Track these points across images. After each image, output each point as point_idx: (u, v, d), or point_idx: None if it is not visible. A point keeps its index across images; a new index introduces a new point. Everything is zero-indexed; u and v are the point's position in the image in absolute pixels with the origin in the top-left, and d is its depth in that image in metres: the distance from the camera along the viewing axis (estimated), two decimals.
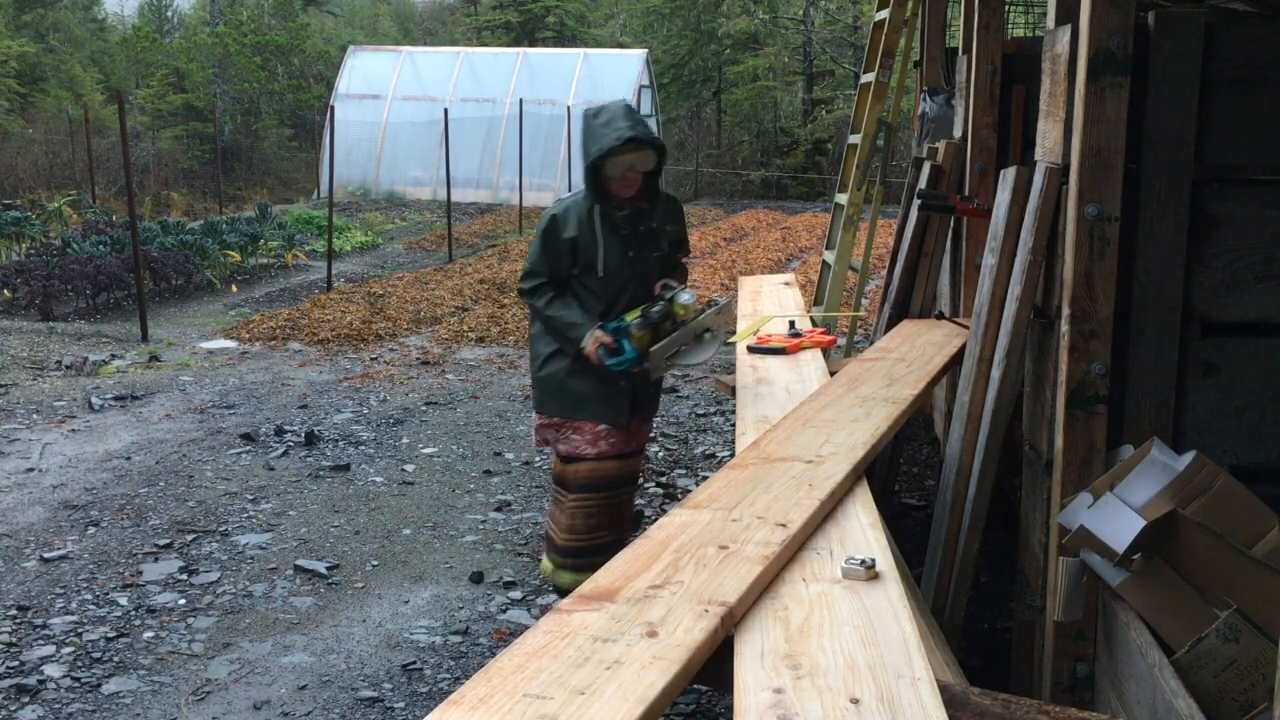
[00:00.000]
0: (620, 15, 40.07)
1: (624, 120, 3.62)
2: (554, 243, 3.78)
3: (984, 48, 4.80)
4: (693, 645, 1.90)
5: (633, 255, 3.80)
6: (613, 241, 3.78)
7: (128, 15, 46.22)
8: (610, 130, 3.60)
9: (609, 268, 3.78)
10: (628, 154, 3.63)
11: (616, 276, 3.79)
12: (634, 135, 3.59)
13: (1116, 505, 2.44)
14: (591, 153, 3.63)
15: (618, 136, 3.58)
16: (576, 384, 3.82)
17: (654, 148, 3.71)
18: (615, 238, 3.77)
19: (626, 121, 3.62)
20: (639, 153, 3.66)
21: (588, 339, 3.72)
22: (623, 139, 3.58)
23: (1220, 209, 2.80)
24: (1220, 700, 2.21)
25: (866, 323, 9.08)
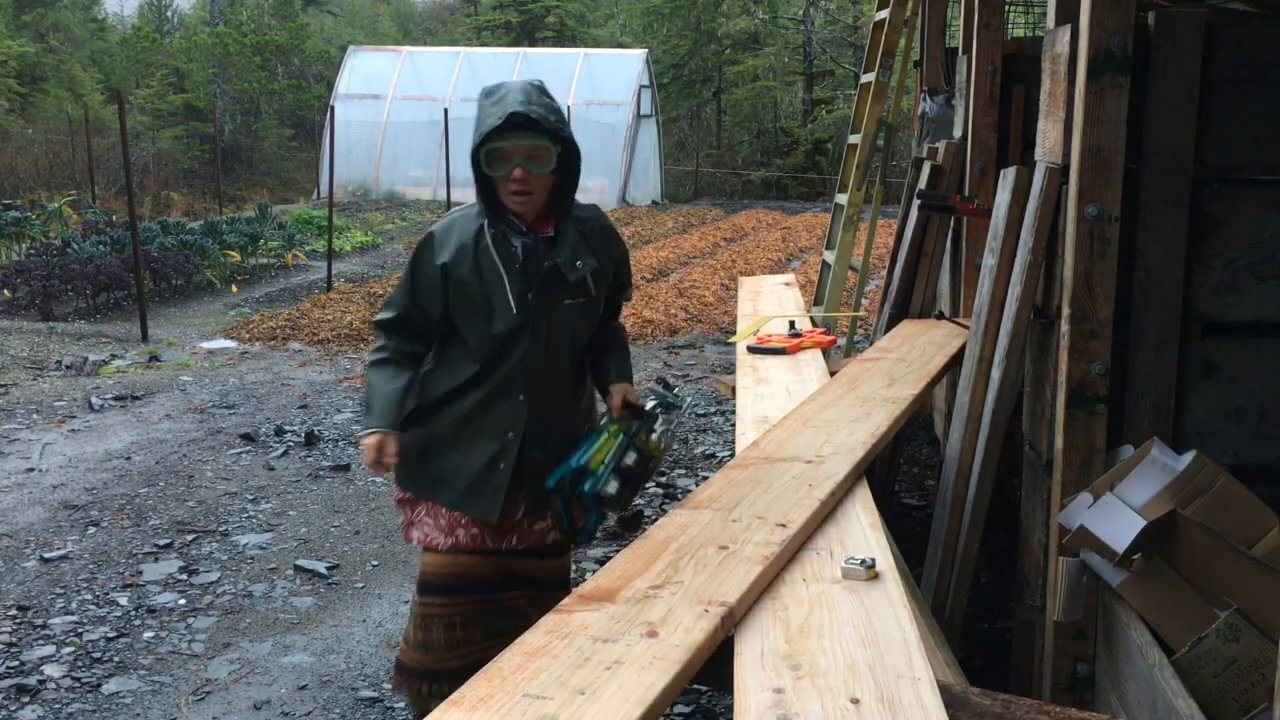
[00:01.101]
0: (620, 15, 40.07)
1: (517, 95, 2.62)
2: (424, 270, 2.78)
3: (984, 48, 4.80)
4: (693, 645, 1.90)
5: (534, 300, 2.74)
6: (504, 275, 2.73)
7: (128, 15, 46.21)
8: (496, 110, 2.61)
9: (497, 315, 2.72)
10: (513, 141, 2.60)
11: (505, 327, 2.74)
12: (520, 112, 2.57)
13: (1116, 505, 2.44)
14: (475, 141, 2.64)
15: (500, 114, 2.57)
16: (439, 455, 2.85)
17: (554, 138, 2.65)
18: (511, 272, 2.73)
19: (520, 96, 2.62)
20: (530, 142, 2.61)
21: (368, 440, 2.75)
22: (504, 115, 2.56)
23: (1220, 209, 2.80)
24: (1220, 700, 2.21)
25: (866, 323, 9.08)
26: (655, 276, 13.44)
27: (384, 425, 2.76)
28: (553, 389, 2.84)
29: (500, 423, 2.80)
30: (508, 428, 2.79)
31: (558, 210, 2.80)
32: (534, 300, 2.74)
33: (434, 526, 2.88)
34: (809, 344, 4.33)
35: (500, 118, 2.58)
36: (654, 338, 10.00)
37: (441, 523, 2.87)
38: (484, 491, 2.79)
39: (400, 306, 2.86)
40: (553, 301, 2.77)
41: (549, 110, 2.64)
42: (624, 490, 2.74)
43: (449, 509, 2.85)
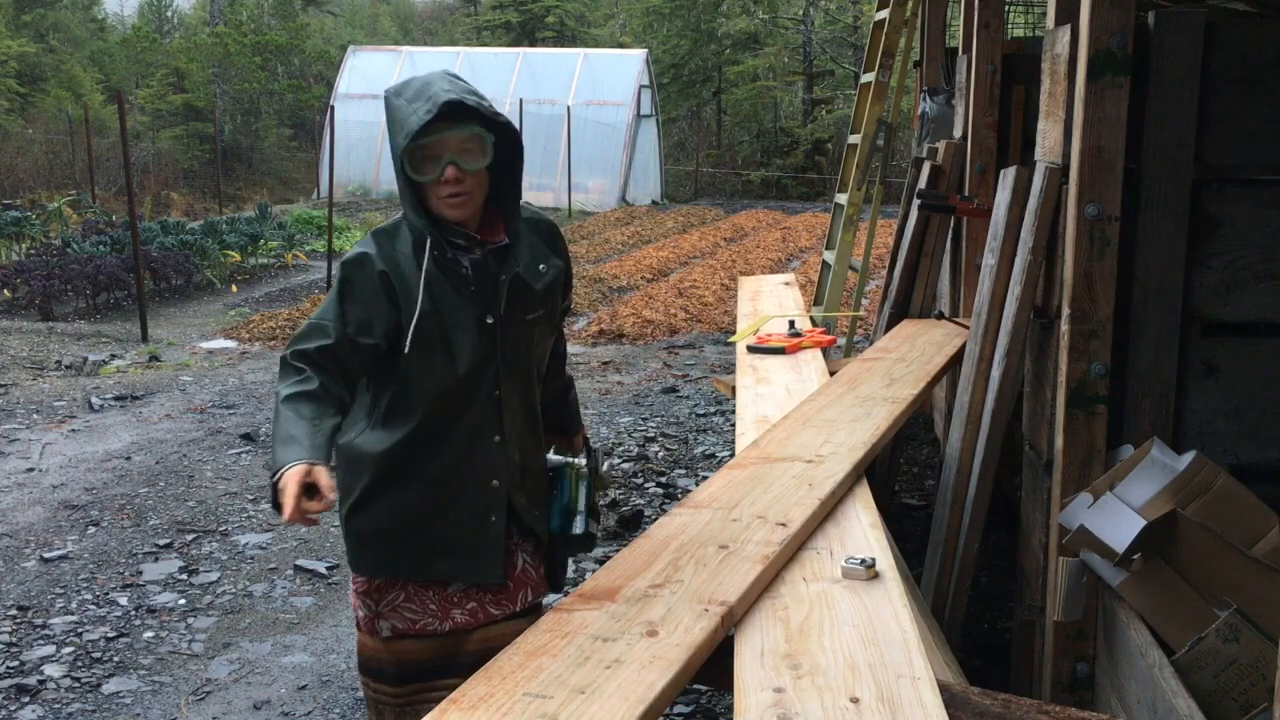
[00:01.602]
0: (620, 15, 40.07)
1: (442, 84, 2.26)
2: (362, 298, 2.31)
3: (984, 48, 4.80)
4: (693, 645, 1.90)
5: (498, 323, 2.36)
6: (458, 301, 2.33)
7: (128, 15, 46.22)
8: (419, 103, 2.22)
9: (459, 351, 2.33)
10: (441, 134, 2.23)
11: (472, 363, 2.34)
12: (454, 100, 2.22)
13: (1116, 505, 2.44)
14: (398, 144, 2.23)
15: (430, 106, 2.19)
16: (415, 529, 2.40)
17: (488, 125, 2.29)
18: (466, 296, 2.34)
19: (445, 84, 2.26)
20: (460, 132, 2.25)
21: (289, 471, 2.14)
22: (435, 106, 2.19)
23: (1220, 209, 2.80)
24: (1220, 700, 2.21)
25: (866, 323, 9.08)
26: (655, 276, 13.44)
27: (313, 455, 2.16)
28: (527, 422, 2.47)
29: (480, 472, 2.39)
30: (490, 475, 2.40)
31: (504, 211, 2.39)
32: (497, 324, 2.35)
33: (421, 612, 2.43)
34: (809, 344, 4.33)
35: (431, 110, 2.19)
36: (654, 338, 10.00)
37: (432, 606, 2.42)
38: (480, 554, 2.40)
39: (330, 332, 2.29)
40: (516, 320, 2.38)
41: (477, 95, 2.28)
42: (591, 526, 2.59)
43: (441, 584, 2.42)
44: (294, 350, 2.31)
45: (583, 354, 9.31)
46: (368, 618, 2.48)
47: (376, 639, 2.47)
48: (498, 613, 2.46)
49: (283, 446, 2.19)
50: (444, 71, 2.34)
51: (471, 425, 2.38)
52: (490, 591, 2.45)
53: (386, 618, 2.45)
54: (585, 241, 16.98)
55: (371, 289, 2.30)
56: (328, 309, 2.33)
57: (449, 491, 2.39)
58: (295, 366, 2.29)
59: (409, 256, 2.32)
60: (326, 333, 2.30)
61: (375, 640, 2.47)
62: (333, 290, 2.36)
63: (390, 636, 2.45)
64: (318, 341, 2.29)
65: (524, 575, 2.50)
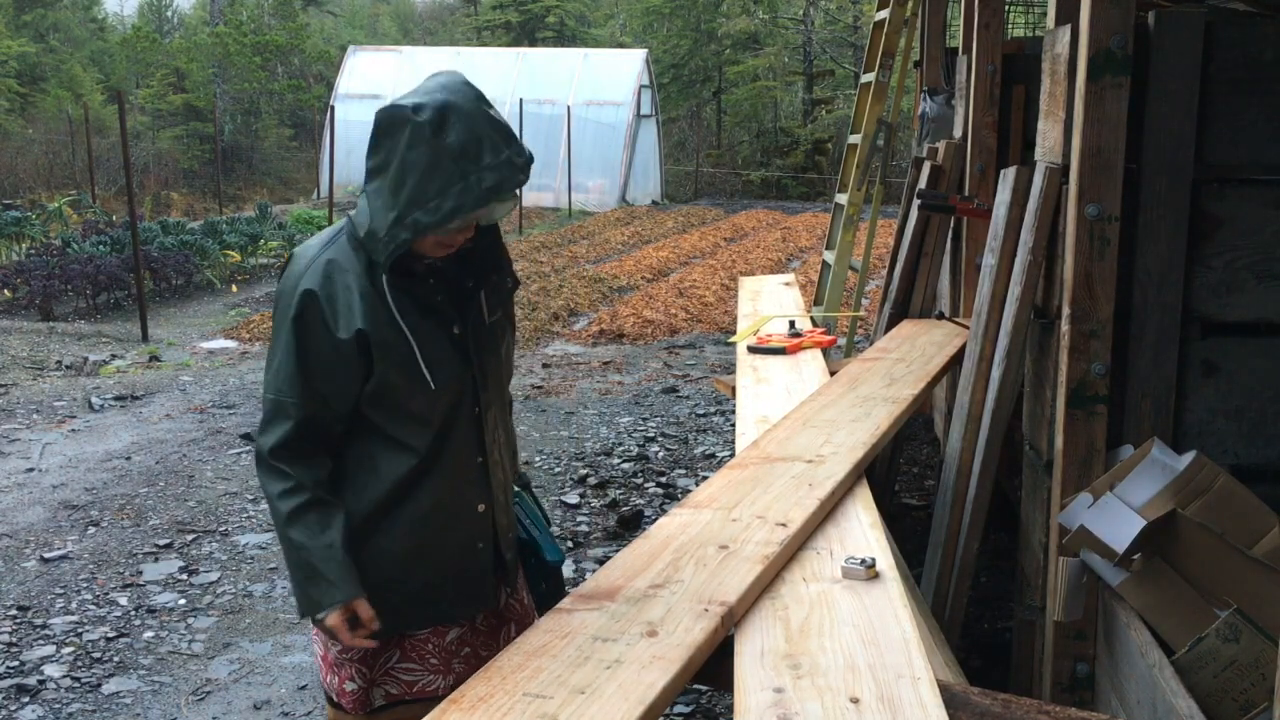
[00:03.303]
0: (620, 15, 40.08)
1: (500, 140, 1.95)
2: (318, 347, 2.04)
3: (984, 48, 4.80)
4: (693, 645, 1.90)
5: (459, 332, 2.14)
6: (425, 324, 2.09)
7: (128, 15, 46.23)
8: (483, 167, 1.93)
9: (436, 374, 2.09)
10: (493, 206, 1.99)
11: (450, 384, 2.12)
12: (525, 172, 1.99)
13: (1116, 505, 2.44)
14: (445, 209, 1.92)
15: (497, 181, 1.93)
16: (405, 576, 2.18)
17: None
18: (427, 315, 2.10)
19: (506, 145, 1.96)
20: (511, 203, 2.03)
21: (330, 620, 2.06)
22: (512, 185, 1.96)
23: (1220, 209, 2.80)
24: (1220, 700, 2.21)
25: (866, 323, 9.08)
26: (655, 276, 13.44)
27: (349, 592, 2.04)
28: (503, 431, 2.29)
29: (465, 500, 2.20)
30: (475, 501, 2.21)
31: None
32: (467, 335, 2.14)
33: (422, 669, 2.23)
34: (809, 344, 4.33)
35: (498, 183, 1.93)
36: (654, 338, 10.00)
37: (433, 660, 2.23)
38: (473, 584, 2.22)
39: (295, 411, 2.04)
40: (481, 327, 2.17)
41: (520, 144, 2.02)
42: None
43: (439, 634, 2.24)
44: (266, 450, 2.06)
45: (582, 354, 9.31)
46: (358, 691, 2.23)
47: (365, 713, 2.24)
48: (486, 654, 2.25)
49: (311, 585, 2.05)
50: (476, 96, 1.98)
51: (454, 451, 2.16)
52: (482, 634, 2.30)
53: (381, 684, 2.24)
54: (585, 241, 16.98)
55: (331, 338, 2.02)
56: (280, 377, 2.05)
57: (434, 527, 2.16)
58: (278, 470, 2.06)
59: (361, 276, 2.04)
60: (291, 410, 2.04)
61: (363, 716, 2.24)
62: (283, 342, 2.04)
63: (383, 705, 2.24)
64: (284, 426, 2.05)
65: (507, 610, 2.35)
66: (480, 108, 1.96)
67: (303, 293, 2.03)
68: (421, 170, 1.92)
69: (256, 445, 2.10)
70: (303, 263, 2.07)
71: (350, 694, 2.24)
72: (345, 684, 2.24)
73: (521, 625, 2.32)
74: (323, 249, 2.09)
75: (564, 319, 10.65)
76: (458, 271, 2.14)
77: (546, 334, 10.10)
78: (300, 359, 2.04)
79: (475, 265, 2.16)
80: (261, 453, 2.08)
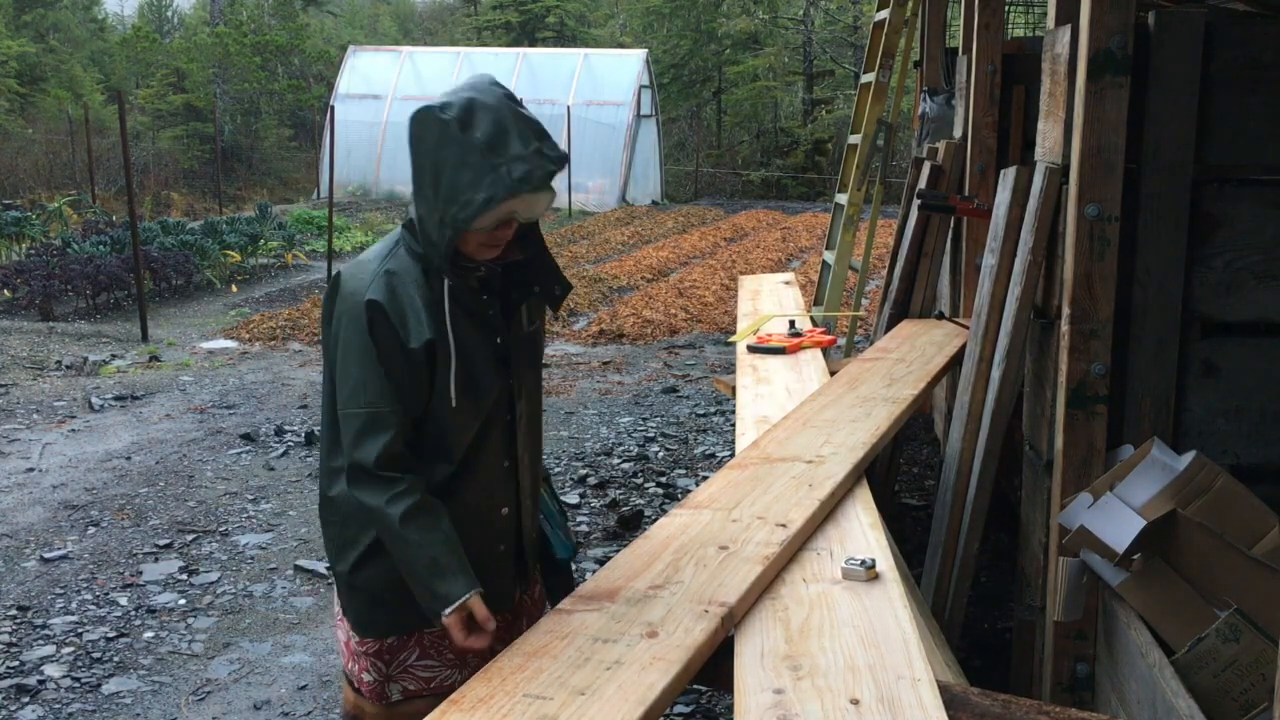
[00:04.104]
0: (620, 15, 40.07)
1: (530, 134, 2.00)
2: (392, 359, 2.06)
3: (984, 48, 4.80)
4: (693, 646, 1.90)
5: (501, 342, 2.19)
6: (475, 334, 2.14)
7: (128, 15, 46.23)
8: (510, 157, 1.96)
9: (483, 384, 2.14)
10: (537, 195, 2.02)
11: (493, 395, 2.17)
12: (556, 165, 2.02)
13: (1116, 505, 2.44)
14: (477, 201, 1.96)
15: (526, 171, 1.97)
16: None
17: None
18: (475, 321, 2.14)
19: (537, 138, 2.00)
20: (549, 195, 2.06)
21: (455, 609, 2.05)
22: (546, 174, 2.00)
23: (1220, 209, 2.80)
24: (1220, 700, 2.21)
25: (866, 323, 9.08)
26: (655, 276, 13.44)
27: (473, 583, 2.06)
28: (533, 438, 2.33)
29: (491, 503, 2.25)
30: (500, 505, 2.26)
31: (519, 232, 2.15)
32: (508, 344, 2.19)
33: (440, 664, 2.25)
34: (809, 344, 4.33)
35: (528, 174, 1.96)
36: (654, 338, 10.00)
37: (449, 655, 2.24)
38: (490, 584, 2.18)
39: (394, 419, 2.06)
40: (522, 337, 2.23)
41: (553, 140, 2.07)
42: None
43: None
44: (375, 461, 2.03)
45: (583, 354, 9.31)
46: (376, 682, 2.25)
47: (382, 705, 2.26)
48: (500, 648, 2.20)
49: (438, 579, 2.04)
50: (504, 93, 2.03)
51: (486, 457, 2.20)
52: (499, 630, 2.25)
53: (398, 680, 2.25)
54: (585, 241, 16.98)
55: (401, 350, 2.05)
56: (374, 388, 2.04)
57: (461, 528, 2.15)
58: (385, 479, 2.04)
59: (422, 287, 2.08)
60: (386, 422, 2.04)
61: (379, 706, 2.26)
62: (359, 355, 2.05)
63: (400, 700, 2.26)
64: (384, 436, 2.04)
65: (520, 606, 2.38)
66: (506, 103, 2.01)
67: (369, 303, 2.04)
68: (453, 166, 1.97)
69: (353, 461, 2.05)
70: (365, 275, 2.09)
71: (368, 684, 2.26)
72: (363, 674, 2.27)
73: (533, 620, 2.35)
74: (382, 261, 2.11)
75: (564, 319, 10.65)
76: (505, 282, 2.18)
77: (546, 334, 10.09)
78: (386, 368, 2.05)
79: (523, 276, 2.19)
80: (365, 466, 2.03)
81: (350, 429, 2.06)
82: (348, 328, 2.07)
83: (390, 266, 2.09)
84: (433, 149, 1.98)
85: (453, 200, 1.97)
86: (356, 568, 2.19)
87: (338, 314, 2.11)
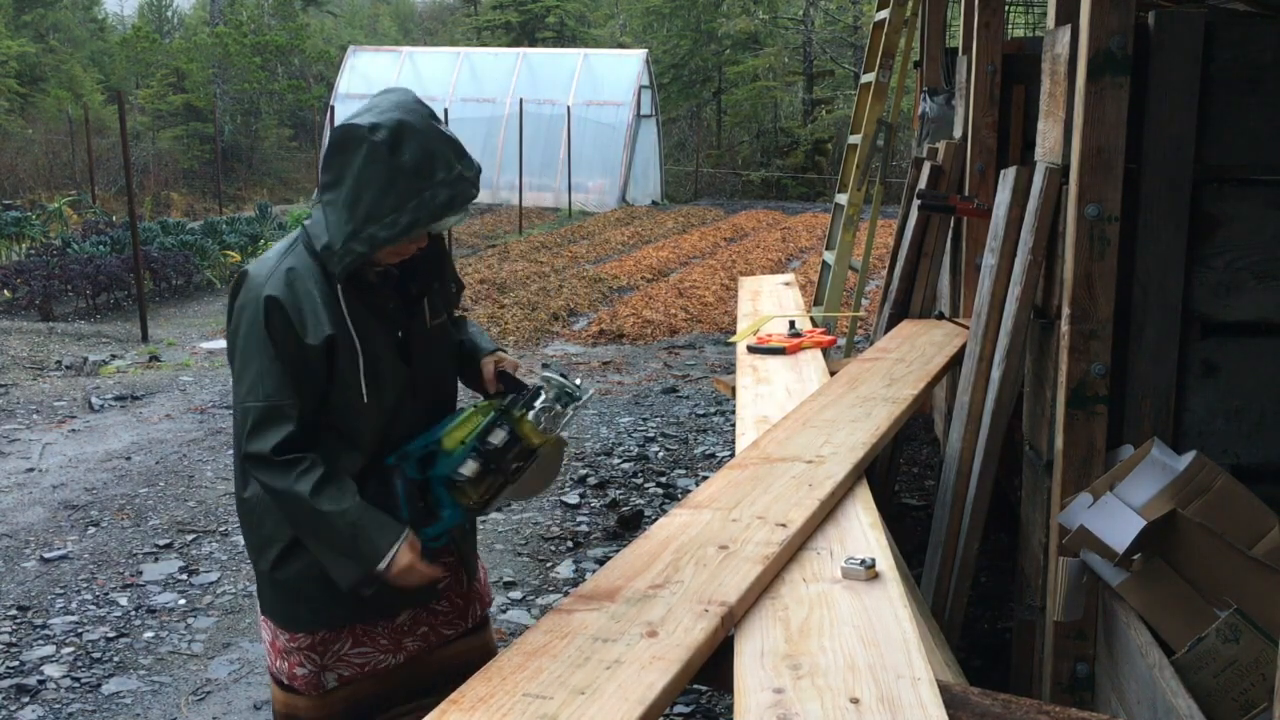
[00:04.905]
0: (620, 15, 40.08)
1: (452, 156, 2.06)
2: (290, 353, 2.08)
3: (984, 48, 4.80)
4: (693, 645, 1.90)
5: (404, 336, 2.23)
6: (376, 328, 2.17)
7: (128, 15, 46.24)
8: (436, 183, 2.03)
9: (379, 378, 2.16)
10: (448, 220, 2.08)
11: (390, 392, 2.19)
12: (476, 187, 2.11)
13: (1116, 505, 2.44)
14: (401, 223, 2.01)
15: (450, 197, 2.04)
16: None
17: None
18: (376, 319, 2.18)
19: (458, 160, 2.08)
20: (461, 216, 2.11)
21: (397, 553, 2.09)
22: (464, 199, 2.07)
23: (1220, 209, 2.80)
24: (1220, 700, 2.21)
25: (866, 323, 9.08)
26: (655, 276, 13.44)
27: (399, 529, 2.11)
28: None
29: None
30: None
31: None
32: (411, 339, 2.22)
33: (373, 650, 2.27)
34: (809, 344, 4.33)
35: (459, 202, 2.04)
36: (654, 338, 10.01)
37: (383, 641, 2.27)
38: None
39: (293, 410, 2.07)
40: (424, 332, 2.25)
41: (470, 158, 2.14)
42: (485, 475, 2.18)
43: (389, 617, 2.27)
44: (274, 448, 2.05)
45: (582, 354, 9.31)
46: (310, 674, 2.25)
47: (318, 695, 2.26)
48: (450, 633, 2.38)
49: (362, 540, 2.06)
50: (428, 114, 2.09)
51: (393, 446, 2.21)
52: (442, 615, 2.35)
53: (333, 669, 2.26)
54: (585, 241, 16.98)
55: (299, 346, 2.07)
56: (271, 382, 2.06)
57: None
58: (285, 461, 2.06)
59: (319, 286, 2.09)
60: (286, 416, 2.06)
61: (316, 697, 2.26)
62: (257, 349, 2.07)
63: (337, 686, 2.27)
64: (285, 430, 2.06)
65: (470, 587, 2.40)
66: (432, 125, 2.06)
67: (267, 299, 2.07)
68: (378, 187, 2.01)
69: (251, 453, 2.07)
70: (263, 273, 2.11)
71: (302, 677, 2.26)
72: (296, 669, 2.26)
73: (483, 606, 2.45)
74: (281, 258, 2.13)
75: (564, 319, 10.65)
76: (404, 278, 2.21)
77: (546, 334, 10.10)
78: (282, 362, 2.07)
79: (421, 272, 2.22)
80: (263, 454, 2.06)
81: (248, 421, 2.08)
82: (247, 323, 2.10)
83: (290, 264, 2.11)
84: (357, 167, 2.01)
85: (373, 220, 2.02)
86: (277, 564, 2.19)
87: (238, 309, 2.13)
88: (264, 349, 2.07)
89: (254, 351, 2.08)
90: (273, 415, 2.07)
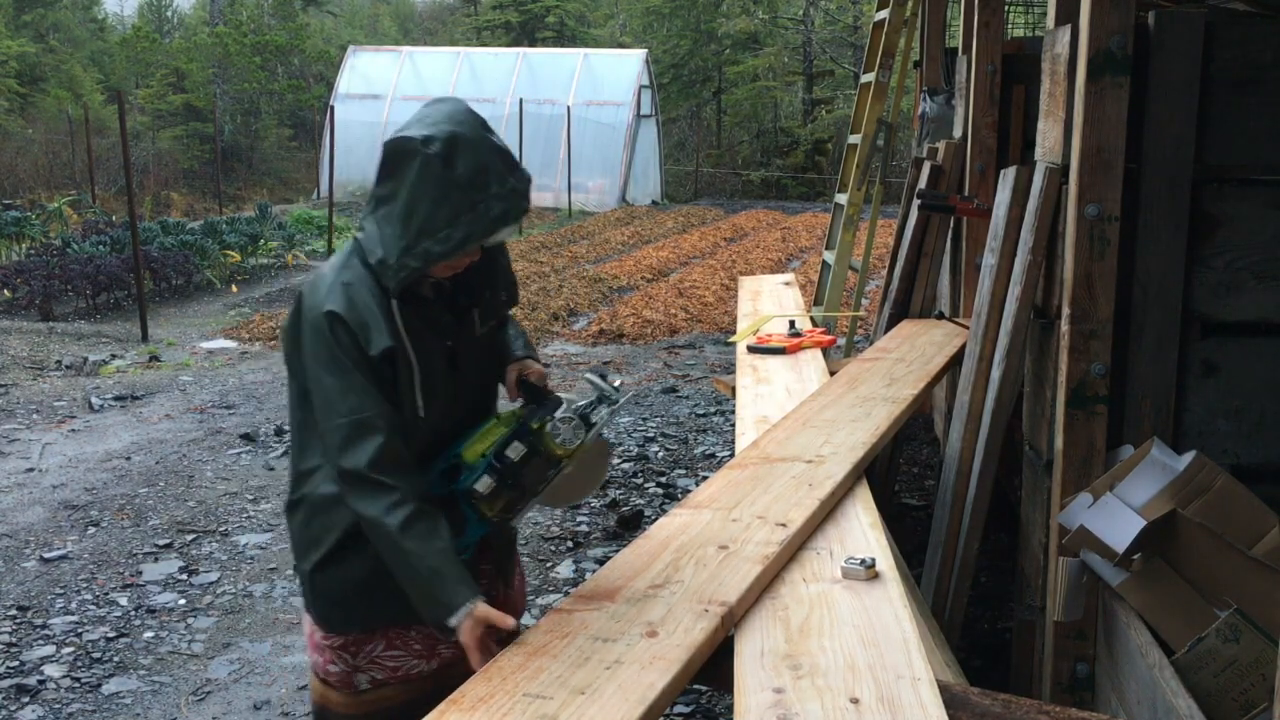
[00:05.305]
0: (620, 15, 40.07)
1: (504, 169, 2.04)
2: (361, 366, 2.07)
3: (984, 48, 4.80)
4: (693, 645, 1.90)
5: (451, 344, 2.21)
6: (428, 344, 2.16)
7: (128, 15, 46.22)
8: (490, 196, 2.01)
9: (432, 392, 2.16)
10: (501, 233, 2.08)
11: (438, 404, 2.18)
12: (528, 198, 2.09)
13: (1116, 505, 2.44)
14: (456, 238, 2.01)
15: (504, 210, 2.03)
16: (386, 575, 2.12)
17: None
18: (429, 332, 2.17)
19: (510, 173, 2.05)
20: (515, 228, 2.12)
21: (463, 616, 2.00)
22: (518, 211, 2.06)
23: (1220, 209, 2.80)
24: (1220, 700, 2.21)
25: (866, 323, 9.08)
26: (655, 276, 13.44)
27: (474, 591, 2.03)
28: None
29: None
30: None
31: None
32: (457, 348, 2.21)
33: (405, 655, 2.26)
34: (809, 344, 4.33)
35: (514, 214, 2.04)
36: (654, 338, 10.00)
37: (416, 647, 2.26)
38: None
39: (382, 423, 2.05)
40: (472, 340, 2.25)
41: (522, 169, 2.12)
42: (502, 490, 2.16)
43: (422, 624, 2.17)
44: (369, 464, 2.02)
45: (583, 354, 9.32)
46: (343, 673, 2.27)
47: (350, 693, 2.27)
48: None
49: (439, 589, 2.01)
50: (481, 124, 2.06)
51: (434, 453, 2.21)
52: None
53: (365, 670, 2.26)
54: (585, 241, 16.98)
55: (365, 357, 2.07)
56: (353, 396, 2.04)
57: None
58: (380, 484, 2.02)
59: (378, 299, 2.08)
60: (375, 425, 2.04)
61: (348, 695, 2.27)
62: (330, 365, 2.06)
63: (369, 689, 2.27)
64: (377, 440, 2.03)
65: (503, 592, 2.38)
66: (485, 136, 2.04)
67: (328, 314, 2.06)
68: (432, 201, 1.99)
69: (346, 468, 2.04)
70: (322, 288, 2.10)
71: (335, 674, 2.28)
72: (330, 665, 2.28)
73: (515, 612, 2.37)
74: (338, 273, 2.12)
75: (564, 319, 10.65)
76: (455, 290, 2.20)
77: (546, 334, 10.09)
78: (358, 374, 2.05)
79: (472, 282, 2.22)
80: (359, 471, 2.02)
81: (335, 440, 2.06)
82: (313, 341, 2.09)
83: (346, 278, 2.10)
84: (411, 180, 2.00)
85: (428, 234, 2.01)
86: (319, 568, 2.21)
87: (303, 330, 2.12)
88: (335, 364, 2.06)
89: (326, 368, 2.07)
90: (361, 429, 2.04)
